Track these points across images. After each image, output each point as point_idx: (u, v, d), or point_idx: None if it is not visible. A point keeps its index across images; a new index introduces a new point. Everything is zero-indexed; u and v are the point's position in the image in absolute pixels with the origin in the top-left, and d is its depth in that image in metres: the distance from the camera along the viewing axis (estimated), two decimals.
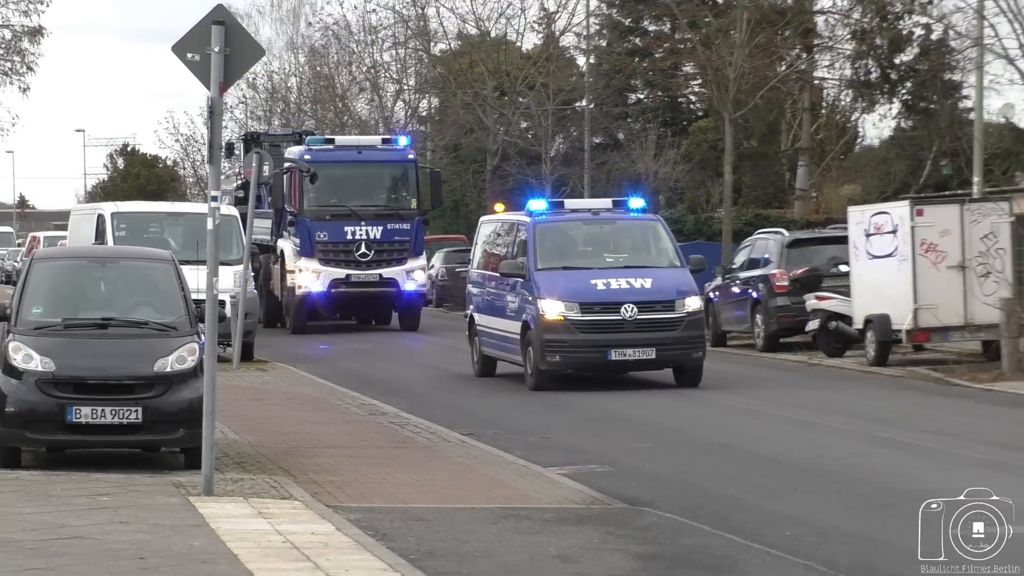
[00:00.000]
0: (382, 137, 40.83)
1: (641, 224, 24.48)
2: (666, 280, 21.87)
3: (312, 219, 34.39)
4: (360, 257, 34.22)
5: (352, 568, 12.75)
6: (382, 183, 36.24)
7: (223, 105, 16.52)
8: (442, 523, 15.82)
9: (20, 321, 19.00)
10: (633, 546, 15.12)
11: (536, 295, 20.53)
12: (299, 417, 25.06)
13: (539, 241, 21.66)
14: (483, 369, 24.44)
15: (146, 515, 15.40)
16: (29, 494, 16.72)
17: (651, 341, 20.56)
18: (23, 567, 12.33)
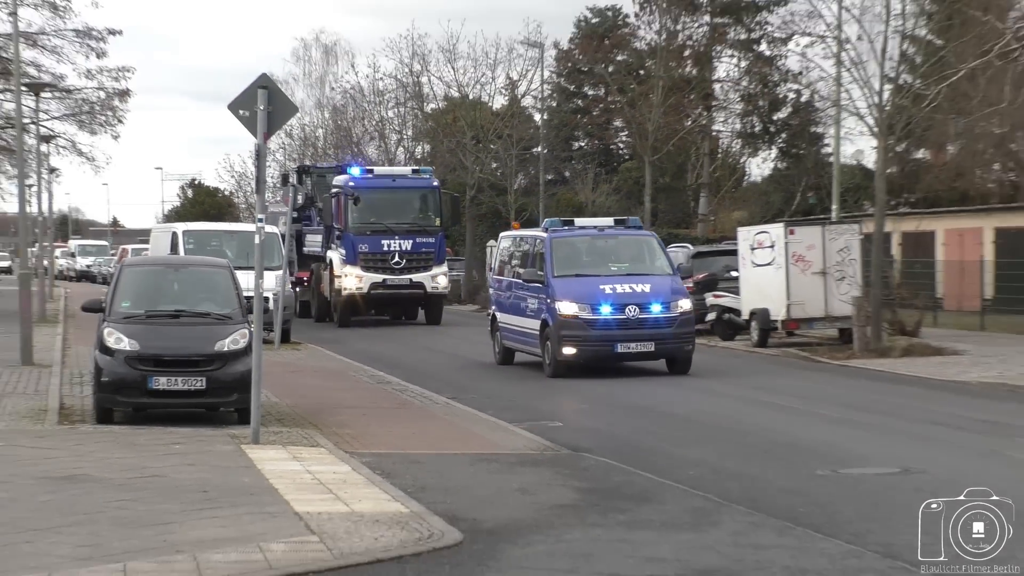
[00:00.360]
0: (412, 168, 42.54)
1: (638, 239, 24.87)
2: (662, 285, 22.29)
3: (355, 234, 35.15)
4: (394, 265, 34.73)
5: (364, 499, 13.58)
6: (412, 205, 36.93)
7: (266, 149, 18.23)
8: (432, 465, 16.64)
9: (112, 312, 20.26)
10: (575, 482, 15.81)
11: (554, 298, 21.14)
12: (324, 385, 26.34)
13: (555, 253, 22.20)
14: (503, 359, 25.11)
15: (208, 459, 16.40)
16: (119, 443, 17.62)
17: (650, 336, 21.23)
18: (115, 498, 13.32)
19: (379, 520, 12.16)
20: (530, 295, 22.42)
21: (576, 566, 11.10)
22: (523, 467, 16.95)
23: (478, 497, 14.31)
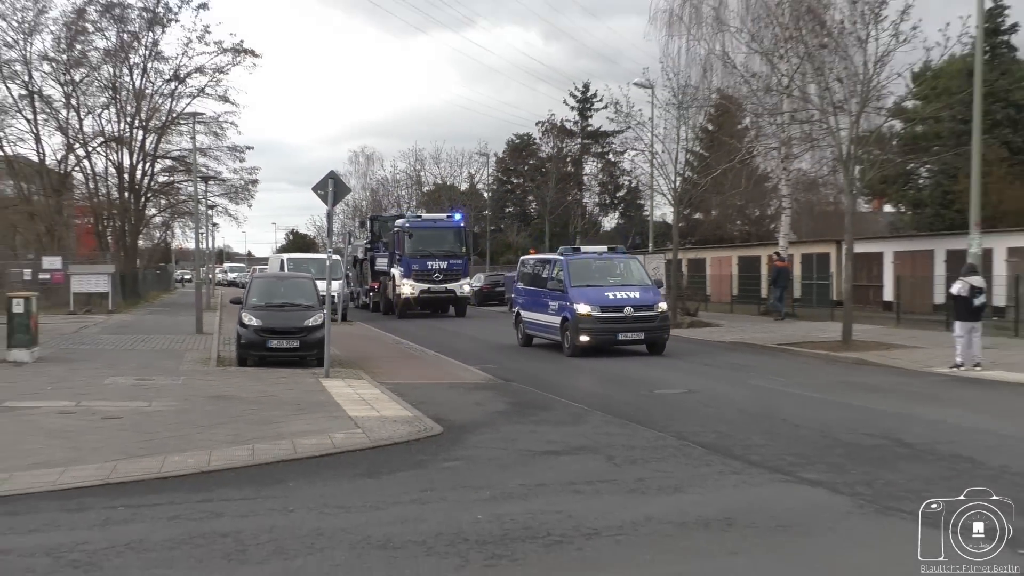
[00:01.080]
0: (447, 214, 48.05)
1: (626, 260, 27.07)
2: (647, 293, 24.63)
3: (410, 257, 40.58)
4: (435, 278, 40.46)
5: (387, 408, 15.28)
6: (447, 238, 42.23)
7: (333, 212, 21.24)
8: (425, 389, 18.27)
9: (247, 303, 23.09)
10: (506, 398, 17.60)
11: (572, 301, 23.53)
12: (365, 346, 28.76)
13: (571, 269, 24.68)
14: (525, 342, 27.56)
15: (299, 386, 18.05)
16: (250, 377, 19.57)
17: (641, 328, 23.74)
18: (247, 408, 14.99)
19: (396, 420, 13.97)
20: (551, 299, 25.09)
21: (506, 445, 12.58)
22: (477, 390, 18.81)
23: (451, 407, 15.98)
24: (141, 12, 49.45)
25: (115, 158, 53.26)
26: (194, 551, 7.49)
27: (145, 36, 50.38)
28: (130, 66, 50.81)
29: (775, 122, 38.22)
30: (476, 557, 7.31)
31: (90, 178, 53.31)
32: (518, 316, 28.35)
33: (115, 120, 51.80)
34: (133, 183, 53.91)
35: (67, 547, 7.54)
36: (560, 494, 9.52)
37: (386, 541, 7.75)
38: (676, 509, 8.93)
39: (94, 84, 50.26)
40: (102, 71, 50.09)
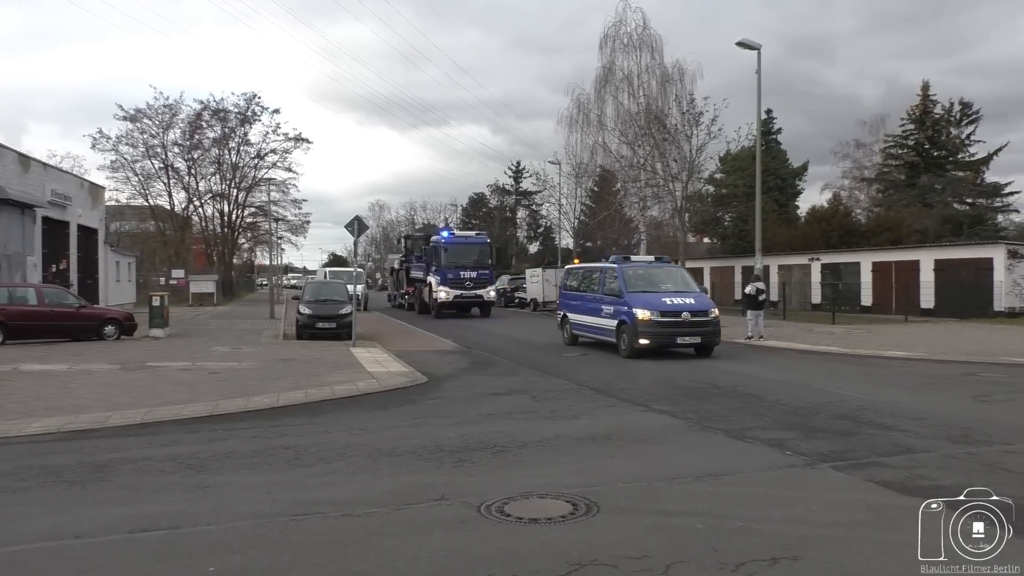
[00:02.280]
0: (475, 232, 39.13)
1: (674, 268, 19.81)
2: (701, 299, 17.82)
3: (446, 268, 32.41)
4: (466, 285, 32.27)
5: (392, 366, 15.07)
6: (476, 252, 33.67)
7: (358, 242, 21.11)
8: (418, 355, 17.12)
9: (302, 300, 22.69)
10: (468, 359, 17.24)
11: (631, 306, 16.93)
12: (379, 327, 27.40)
13: (627, 276, 17.86)
14: (571, 341, 20.09)
15: (336, 352, 17.56)
16: (304, 347, 18.85)
17: (697, 332, 16.91)
18: (303, 367, 14.91)
19: (398, 374, 13.77)
20: (605, 304, 18.25)
21: (468, 389, 12.43)
22: (450, 355, 18.30)
23: (433, 365, 15.54)
24: (237, 115, 50.36)
25: (218, 207, 54.61)
26: (267, 457, 7.45)
27: (239, 129, 51.28)
28: (229, 148, 51.60)
29: (636, 186, 38.95)
30: (448, 460, 7.28)
31: (202, 219, 54.77)
32: (564, 318, 20.79)
33: (219, 183, 53.19)
34: (230, 223, 55.13)
35: (186, 455, 7.52)
36: (502, 420, 9.46)
37: (391, 451, 7.70)
38: (575, 429, 8.90)
39: (206, 160, 51.48)
40: (211, 152, 51.22)
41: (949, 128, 48.31)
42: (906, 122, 49.17)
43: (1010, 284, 27.23)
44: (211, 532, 5.23)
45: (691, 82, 36.81)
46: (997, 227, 44.21)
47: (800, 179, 51.74)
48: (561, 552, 4.74)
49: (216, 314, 32.95)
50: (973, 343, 18.44)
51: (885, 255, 32.37)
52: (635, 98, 38.04)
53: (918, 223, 39.97)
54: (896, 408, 10.06)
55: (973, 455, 7.37)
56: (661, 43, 38.16)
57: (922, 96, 48.73)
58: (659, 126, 35.60)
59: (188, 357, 15.79)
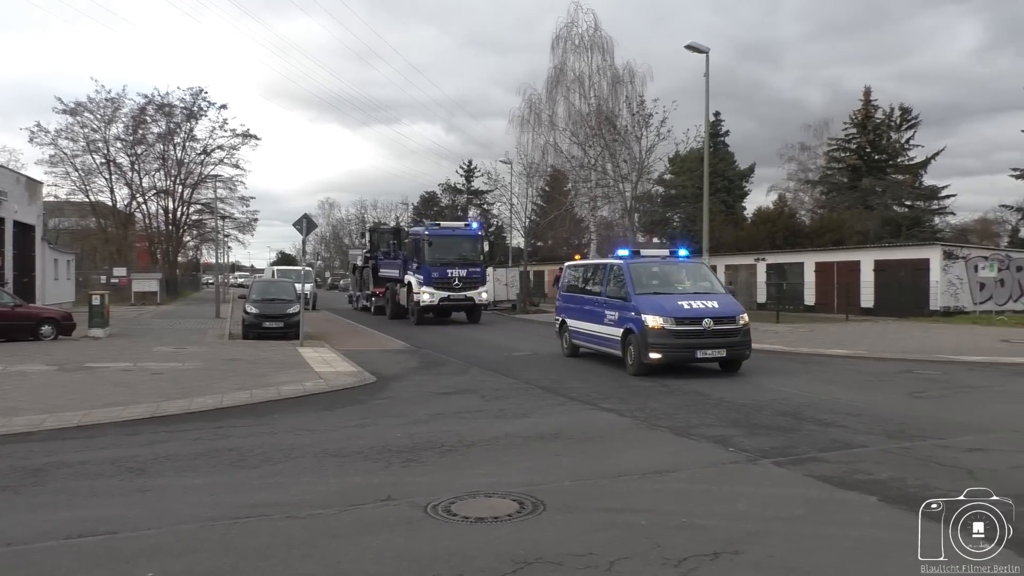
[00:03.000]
0: (464, 222, 33.84)
1: (693, 264, 15.68)
2: (726, 302, 14.08)
3: (430, 265, 26.99)
4: (455, 285, 27.13)
5: (340, 366, 14.61)
6: (466, 246, 28.29)
7: (306, 240, 20.71)
8: (367, 355, 16.88)
9: (249, 298, 21.96)
10: (418, 359, 17.06)
11: (639, 311, 13.48)
12: (327, 326, 27.03)
13: (634, 275, 14.31)
14: (571, 352, 16.57)
15: (283, 352, 17.18)
16: (250, 346, 18.49)
17: (723, 344, 13.36)
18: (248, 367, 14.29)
19: (346, 373, 13.61)
20: (609, 308, 14.78)
21: (417, 388, 12.32)
22: (400, 354, 18.06)
23: (382, 365, 15.34)
24: (182, 110, 49.82)
25: (163, 204, 53.73)
26: (210, 460, 7.34)
27: (185, 125, 50.63)
28: (174, 144, 50.96)
29: (587, 186, 39.24)
30: (396, 460, 7.24)
31: (146, 216, 53.97)
32: (563, 325, 17.27)
33: (163, 179, 52.38)
34: (175, 220, 54.26)
35: (125, 458, 7.36)
36: (451, 419, 9.41)
37: (338, 451, 7.64)
38: (523, 428, 8.90)
39: (150, 155, 50.78)
40: (156, 147, 50.53)
41: (889, 133, 49.76)
42: (849, 126, 50.55)
43: (945, 284, 28.10)
44: (151, 536, 5.13)
45: (641, 84, 37.33)
46: (934, 229, 45.70)
47: (747, 181, 52.82)
48: (507, 551, 4.76)
49: (159, 313, 32.26)
50: (910, 341, 18.89)
51: (828, 256, 33.08)
52: (586, 99, 38.38)
53: (859, 225, 41.05)
54: (836, 405, 10.28)
55: (908, 450, 7.57)
56: (612, 45, 38.69)
57: (864, 101, 50.11)
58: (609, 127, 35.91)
59: (129, 358, 15.43)
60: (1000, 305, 28.30)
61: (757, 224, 42.07)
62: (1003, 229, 52.93)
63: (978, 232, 53.40)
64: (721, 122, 51.00)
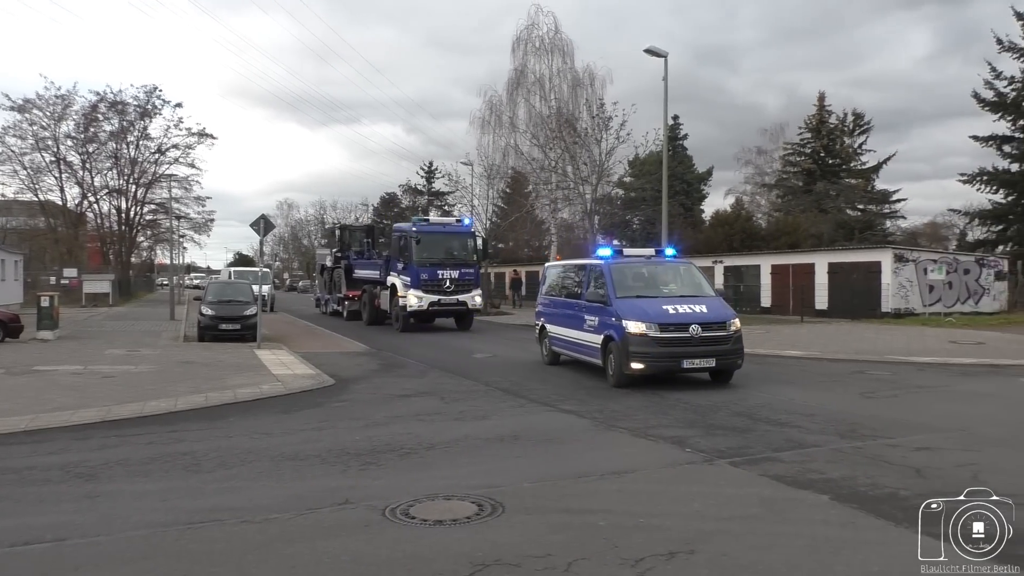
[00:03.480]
0: (456, 217, 29.17)
1: (682, 265, 14.20)
2: (716, 306, 12.75)
3: (419, 266, 23.82)
4: (446, 288, 24.01)
5: (298, 369, 14.52)
6: (459, 244, 25.16)
7: (264, 241, 20.43)
8: (325, 357, 16.80)
9: (204, 300, 21.94)
10: (378, 361, 16.90)
11: (620, 316, 12.26)
12: (285, 328, 26.74)
13: (615, 276, 13.05)
14: (552, 360, 15.35)
15: (240, 354, 17.10)
16: (206, 349, 18.24)
17: (712, 352, 12.04)
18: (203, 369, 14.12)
19: (304, 376, 13.52)
20: (588, 313, 13.52)
21: (376, 391, 12.30)
22: (359, 356, 17.99)
23: (341, 367, 15.32)
24: (136, 108, 48.73)
25: (116, 203, 52.52)
26: (163, 464, 7.23)
27: (138, 123, 49.56)
28: (127, 142, 49.84)
29: (547, 188, 39.35)
30: (354, 464, 7.21)
31: (98, 216, 52.72)
32: (543, 330, 16.01)
33: (116, 178, 51.21)
34: (128, 220, 53.12)
35: (74, 464, 7.23)
36: (410, 422, 9.38)
37: (295, 455, 7.58)
38: (483, 430, 8.91)
39: (102, 154, 49.55)
40: (108, 145, 49.33)
41: (843, 137, 50.85)
42: (804, 131, 51.57)
43: (896, 286, 28.67)
44: (100, 543, 5.03)
45: (601, 87, 37.58)
46: (885, 232, 46.79)
47: (705, 184, 53.53)
48: (465, 553, 4.76)
49: (112, 315, 31.61)
50: (862, 342, 19.25)
51: (783, 258, 33.55)
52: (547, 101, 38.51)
53: (814, 228, 41.87)
54: (790, 405, 10.47)
55: (859, 449, 7.74)
56: (572, 48, 38.88)
57: (818, 106, 51.16)
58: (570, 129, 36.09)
59: (80, 360, 15.13)
60: (948, 307, 28.89)
61: (715, 227, 42.58)
62: (951, 233, 54.47)
63: (928, 235, 54.85)
64: (680, 125, 51.63)
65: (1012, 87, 37.32)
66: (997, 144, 38.61)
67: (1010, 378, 13.35)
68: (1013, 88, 37.29)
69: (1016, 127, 37.86)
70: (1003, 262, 32.94)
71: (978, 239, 41.74)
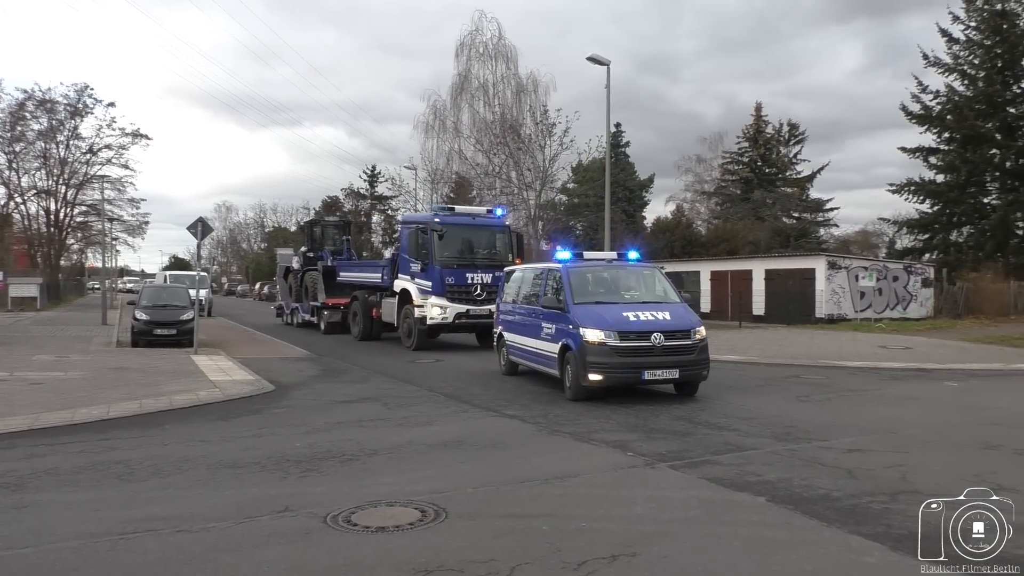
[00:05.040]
0: (486, 208, 22.66)
1: (646, 270, 13.29)
2: (680, 314, 11.82)
3: (443, 267, 18.98)
4: (476, 296, 18.97)
5: (237, 374, 14.28)
6: (489, 241, 20.21)
7: (201, 245, 20.04)
8: (265, 363, 16.48)
9: (139, 304, 21.38)
10: (319, 367, 16.72)
11: (577, 324, 11.33)
12: (223, 333, 25.90)
13: (573, 281, 12.12)
14: (509, 370, 14.40)
15: (176, 360, 16.64)
16: (140, 354, 17.74)
17: (675, 363, 11.16)
18: (137, 376, 13.78)
19: (243, 382, 13.29)
20: (546, 320, 12.56)
21: (317, 397, 12.06)
22: (300, 361, 17.71)
23: (281, 373, 15.08)
24: (66, 106, 47.64)
25: (44, 205, 51.15)
26: (95, 473, 7.04)
27: (68, 122, 48.37)
28: (57, 142, 48.64)
29: (491, 194, 39.55)
30: (294, 471, 7.12)
31: (25, 218, 51.39)
32: (500, 339, 15.02)
33: (45, 179, 49.95)
34: (58, 222, 51.71)
35: (0, 474, 7.14)
36: (352, 428, 9.32)
37: (233, 462, 7.46)
38: (428, 435, 8.85)
39: (30, 154, 48.33)
40: (36, 145, 48.12)
41: (779, 147, 52.38)
42: (741, 140, 52.96)
43: (829, 293, 29.56)
44: (27, 556, 4.87)
45: (545, 94, 37.99)
46: (819, 240, 48.36)
47: (647, 191, 54.38)
48: (408, 560, 4.74)
49: (40, 320, 30.67)
50: (797, 347, 19.74)
51: (722, 264, 34.36)
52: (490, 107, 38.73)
53: (752, 235, 43.01)
54: (729, 409, 10.68)
55: (794, 451, 7.94)
56: (516, 54, 39.20)
57: (755, 116, 52.60)
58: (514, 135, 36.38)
59: (5, 367, 14.60)
60: (879, 313, 29.76)
61: (656, 233, 43.38)
62: (881, 241, 56.32)
63: (859, 243, 56.72)
64: (622, 133, 52.34)
65: (937, 101, 38.99)
66: (924, 156, 40.16)
67: (935, 381, 13.74)
68: (938, 102, 38.96)
69: (941, 139, 39.39)
70: (929, 270, 34.06)
71: (906, 247, 43.26)
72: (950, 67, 38.57)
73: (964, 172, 37.44)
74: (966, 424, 9.60)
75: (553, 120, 34.64)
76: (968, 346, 19.72)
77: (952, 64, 38.58)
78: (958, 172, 37.81)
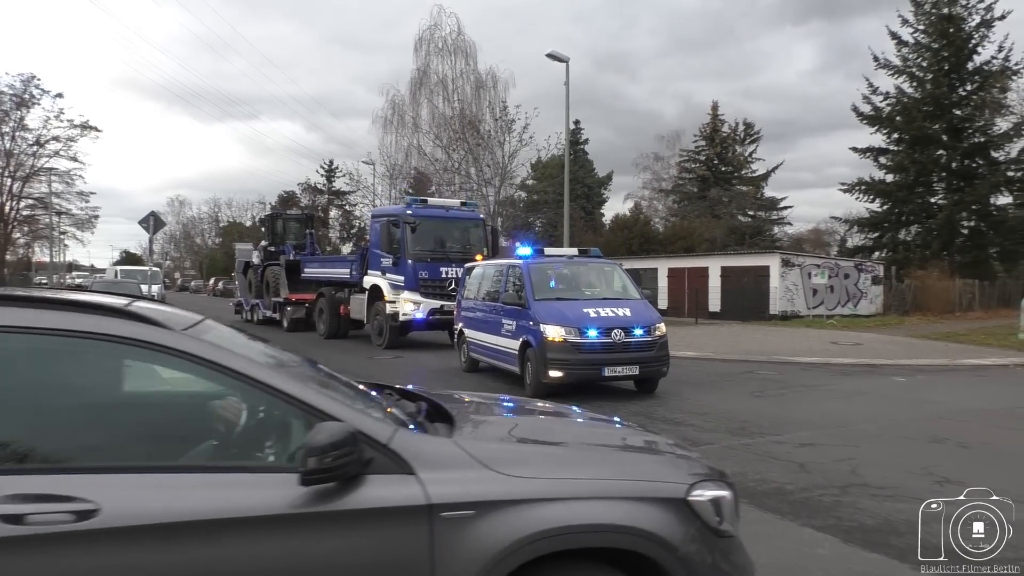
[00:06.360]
0: (460, 201, 22.09)
1: (606, 267, 13.29)
2: (639, 310, 11.79)
3: (416, 261, 18.31)
4: (451, 291, 17.92)
5: None
6: (463, 235, 19.40)
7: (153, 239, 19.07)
8: None
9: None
10: None
11: (538, 320, 11.32)
12: None
13: (534, 277, 12.08)
14: (470, 367, 14.28)
15: None
16: None
17: (635, 359, 11.14)
18: None
19: None
20: (506, 317, 12.54)
21: None
22: None
23: None
24: (11, 97, 46.22)
25: None
26: None
27: (14, 113, 46.98)
28: (2, 134, 47.15)
29: (450, 190, 39.44)
30: None
31: None
32: (461, 335, 14.89)
33: None
34: (3, 215, 49.60)
35: None
36: None
37: None
38: None
39: None
40: None
41: (735, 146, 53.22)
42: (698, 138, 53.73)
43: (783, 290, 30.02)
44: None
45: (504, 90, 38.04)
46: (773, 238, 49.23)
47: (605, 188, 54.83)
48: None
49: None
50: (752, 343, 19.94)
51: (679, 262, 34.63)
52: (450, 102, 38.66)
53: (708, 232, 43.64)
54: (685, 404, 10.76)
55: (748, 446, 8.05)
56: (475, 50, 39.17)
57: (712, 115, 53.38)
58: (473, 131, 36.35)
59: None
60: (830, 310, 30.33)
61: (615, 230, 43.70)
62: (833, 239, 57.73)
63: (812, 241, 58.01)
64: (581, 130, 52.70)
65: (887, 102, 39.81)
66: (874, 156, 40.94)
67: (885, 377, 13.99)
68: (888, 103, 39.80)
69: (891, 140, 40.22)
70: (879, 267, 34.81)
71: (857, 245, 44.06)
72: (899, 69, 39.46)
73: (912, 172, 38.31)
74: (913, 418, 9.76)
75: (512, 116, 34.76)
76: (915, 342, 20.13)
77: (901, 66, 39.47)
78: (907, 172, 38.67)
